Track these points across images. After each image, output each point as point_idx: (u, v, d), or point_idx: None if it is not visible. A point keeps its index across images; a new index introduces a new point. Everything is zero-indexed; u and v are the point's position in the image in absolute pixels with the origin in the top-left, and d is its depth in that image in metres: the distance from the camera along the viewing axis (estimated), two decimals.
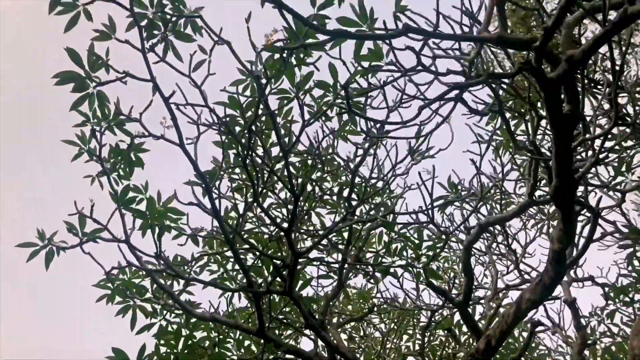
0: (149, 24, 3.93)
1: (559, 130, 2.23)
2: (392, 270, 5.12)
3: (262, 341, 4.62)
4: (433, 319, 5.02)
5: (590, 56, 2.22)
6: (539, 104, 2.93)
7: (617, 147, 3.58)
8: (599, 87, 4.10)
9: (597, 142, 2.68)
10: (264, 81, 3.77)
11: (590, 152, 2.85)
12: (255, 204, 4.31)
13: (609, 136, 2.86)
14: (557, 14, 2.01)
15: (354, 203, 4.66)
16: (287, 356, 4.99)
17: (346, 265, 4.97)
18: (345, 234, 4.74)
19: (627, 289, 5.98)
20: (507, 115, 3.15)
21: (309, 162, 4.83)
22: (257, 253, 4.54)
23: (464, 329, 5.55)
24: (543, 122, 3.52)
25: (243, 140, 4.06)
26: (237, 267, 5.09)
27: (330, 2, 3.19)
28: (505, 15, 2.29)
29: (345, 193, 4.73)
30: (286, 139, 4.40)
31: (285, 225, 4.35)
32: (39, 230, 4.91)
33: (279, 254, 4.90)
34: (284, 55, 3.43)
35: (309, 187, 4.82)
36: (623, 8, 1.91)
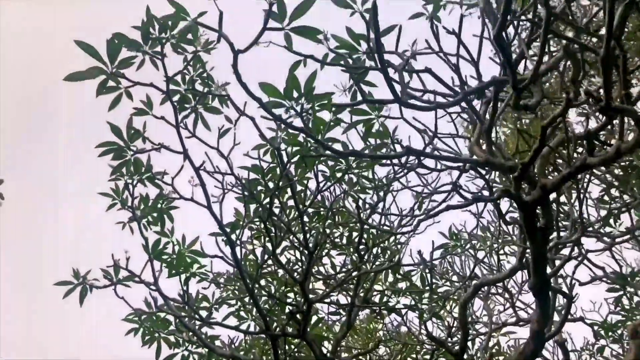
0: (181, 99, 4.43)
1: (534, 240, 2.69)
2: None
3: None
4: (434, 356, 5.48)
5: (560, 187, 2.67)
6: None
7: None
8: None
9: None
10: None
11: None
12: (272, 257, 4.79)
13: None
14: (531, 155, 2.47)
15: (362, 251, 5.14)
16: None
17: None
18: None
19: (617, 325, 6.40)
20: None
21: (322, 212, 5.31)
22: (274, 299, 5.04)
23: None
24: None
25: (264, 202, 4.56)
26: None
27: (337, 122, 3.63)
28: (491, 138, 2.73)
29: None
30: (302, 194, 4.90)
31: (299, 275, 4.85)
32: (74, 269, 5.46)
33: (294, 297, 5.39)
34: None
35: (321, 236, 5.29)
36: (583, 157, 2.37)
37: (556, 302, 3.87)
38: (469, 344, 6.06)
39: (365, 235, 5.17)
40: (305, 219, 4.92)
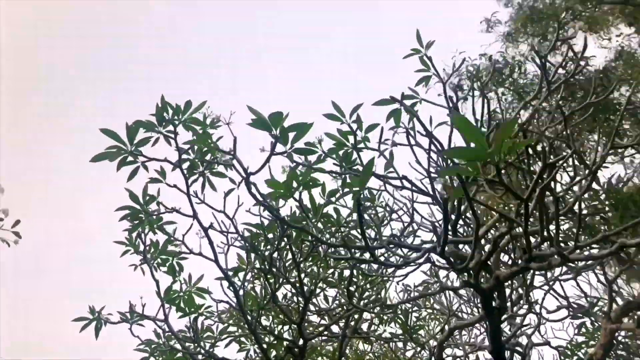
0: (190, 165, 4.99)
1: (490, 317, 3.33)
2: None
3: None
4: None
5: (511, 278, 3.30)
6: None
7: None
8: None
9: None
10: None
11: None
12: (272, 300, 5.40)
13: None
14: (485, 256, 3.10)
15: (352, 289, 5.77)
16: None
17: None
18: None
19: (581, 345, 7.14)
20: None
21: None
22: (274, 336, 5.66)
23: None
24: None
25: (265, 253, 5.16)
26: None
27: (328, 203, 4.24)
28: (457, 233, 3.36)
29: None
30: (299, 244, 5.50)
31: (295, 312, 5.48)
32: (90, 307, 6.04)
33: (291, 331, 6.02)
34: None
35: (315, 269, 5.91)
36: (526, 256, 3.00)
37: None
38: None
39: (355, 273, 5.82)
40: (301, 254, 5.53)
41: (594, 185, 4.17)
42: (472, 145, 1.88)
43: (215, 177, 5.08)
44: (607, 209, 4.06)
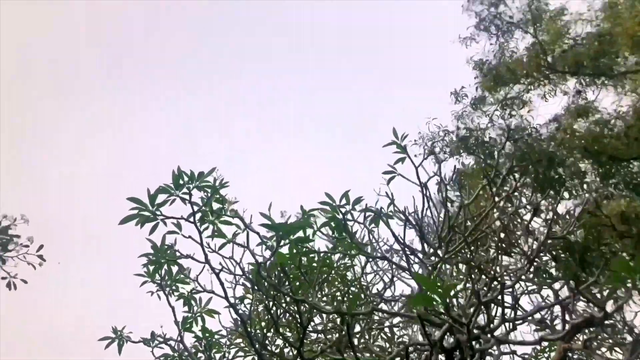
0: (202, 216, 5.74)
1: None
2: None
3: None
4: None
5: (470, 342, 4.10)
6: None
7: None
8: None
9: None
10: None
11: None
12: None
13: None
14: (445, 329, 3.90)
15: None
16: None
17: None
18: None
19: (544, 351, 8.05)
20: None
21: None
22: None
23: None
24: None
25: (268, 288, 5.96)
26: None
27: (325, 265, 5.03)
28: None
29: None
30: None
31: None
32: (113, 327, 6.90)
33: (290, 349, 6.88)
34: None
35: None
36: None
37: None
38: None
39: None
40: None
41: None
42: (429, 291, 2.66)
43: (223, 225, 5.85)
44: None
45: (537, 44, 9.29)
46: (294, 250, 4.38)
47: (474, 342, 3.55)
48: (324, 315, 7.07)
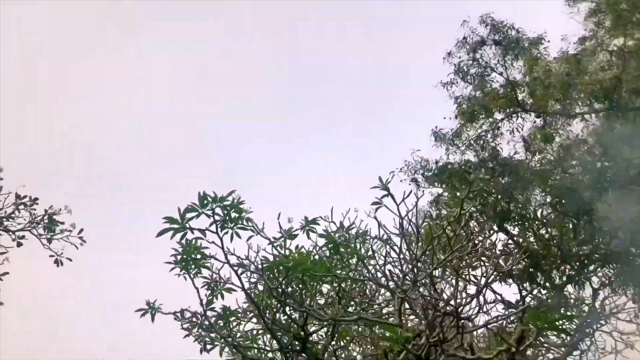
0: (221, 224, 6.90)
1: None
2: None
3: None
4: None
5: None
6: None
7: None
8: None
9: None
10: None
11: None
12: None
13: None
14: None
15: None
16: None
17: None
18: None
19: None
20: None
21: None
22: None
23: None
24: None
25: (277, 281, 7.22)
26: None
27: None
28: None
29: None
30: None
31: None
32: (147, 301, 8.30)
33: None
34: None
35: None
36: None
37: None
38: None
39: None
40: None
41: None
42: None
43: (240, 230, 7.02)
44: None
45: (509, 84, 10.04)
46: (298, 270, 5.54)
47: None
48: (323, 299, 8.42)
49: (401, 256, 5.51)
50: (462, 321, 5.03)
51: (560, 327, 4.12)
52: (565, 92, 9.67)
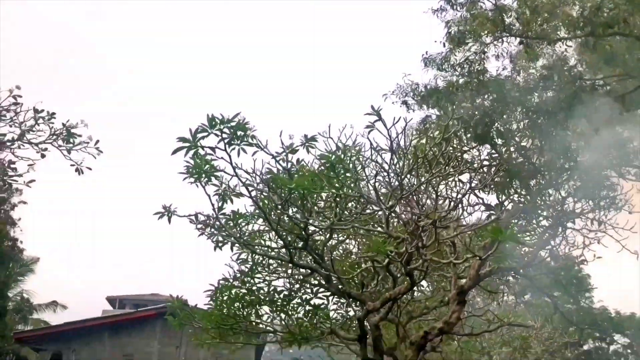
0: (229, 140, 7.58)
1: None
2: None
3: None
4: None
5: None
6: None
7: None
8: None
9: None
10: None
11: None
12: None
13: None
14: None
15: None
16: None
17: None
18: None
19: None
20: None
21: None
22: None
23: None
24: None
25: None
26: None
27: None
28: None
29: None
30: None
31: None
32: (164, 205, 9.28)
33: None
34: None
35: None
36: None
37: None
38: None
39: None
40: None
41: None
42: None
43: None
44: None
45: (497, 9, 9.86)
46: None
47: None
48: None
49: (390, 174, 6.25)
50: (440, 230, 5.92)
51: (517, 239, 4.96)
52: (550, 17, 9.79)
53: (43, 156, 9.09)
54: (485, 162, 7.63)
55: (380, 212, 6.38)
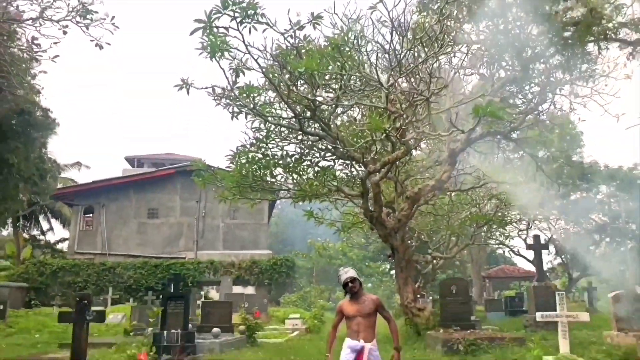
0: (241, 20, 8.09)
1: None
2: None
3: None
4: None
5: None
6: None
7: None
8: None
9: None
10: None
11: None
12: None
13: None
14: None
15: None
16: None
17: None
18: None
19: None
20: None
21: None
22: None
23: None
24: None
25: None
26: None
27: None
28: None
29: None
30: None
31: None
32: (182, 78, 10.09)
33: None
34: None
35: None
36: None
37: None
38: None
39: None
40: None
41: None
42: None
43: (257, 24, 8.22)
44: None
45: None
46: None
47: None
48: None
49: (390, 53, 6.89)
50: (431, 104, 6.73)
51: (497, 114, 5.76)
52: None
53: (65, 33, 9.57)
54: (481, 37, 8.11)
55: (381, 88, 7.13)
